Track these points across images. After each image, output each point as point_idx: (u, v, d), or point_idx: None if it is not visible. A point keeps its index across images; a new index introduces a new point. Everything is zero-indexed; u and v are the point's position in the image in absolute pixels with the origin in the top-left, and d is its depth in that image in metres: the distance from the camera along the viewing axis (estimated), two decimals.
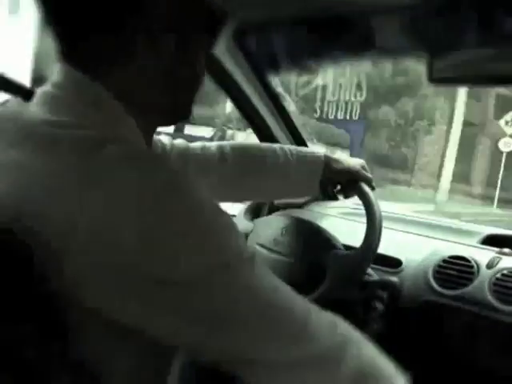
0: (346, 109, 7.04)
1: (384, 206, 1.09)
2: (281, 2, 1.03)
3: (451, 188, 11.23)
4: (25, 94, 0.58)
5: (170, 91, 0.59)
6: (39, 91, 0.57)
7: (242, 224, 1.21)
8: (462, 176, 11.98)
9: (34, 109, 0.55)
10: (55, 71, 0.57)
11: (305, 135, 1.47)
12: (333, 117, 7.20)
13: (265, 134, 1.41)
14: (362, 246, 1.02)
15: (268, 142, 1.43)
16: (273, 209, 1.36)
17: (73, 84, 0.55)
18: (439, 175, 11.69)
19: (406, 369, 1.12)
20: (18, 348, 0.46)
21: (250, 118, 1.38)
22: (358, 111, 7.20)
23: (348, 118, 7.14)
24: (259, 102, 1.33)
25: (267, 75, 1.32)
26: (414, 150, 12.70)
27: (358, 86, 6.96)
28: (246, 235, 1.21)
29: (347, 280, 1.03)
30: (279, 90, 1.38)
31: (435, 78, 0.81)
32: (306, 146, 1.47)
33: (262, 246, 1.17)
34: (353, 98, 7.01)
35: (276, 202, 1.26)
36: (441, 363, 1.05)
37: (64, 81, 0.55)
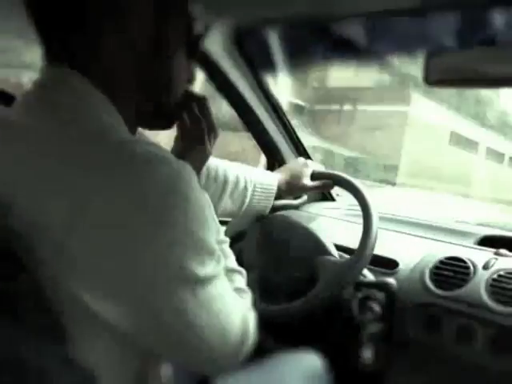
0: None
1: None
2: (278, 3, 1.03)
3: None
4: (6, 99, 0.59)
5: (146, 91, 0.60)
6: (26, 92, 0.58)
7: None
8: None
9: (26, 109, 0.56)
10: (41, 73, 0.58)
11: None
12: None
13: (261, 134, 1.41)
14: (354, 255, 1.02)
15: (264, 142, 1.44)
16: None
17: (57, 81, 0.56)
18: None
19: (402, 369, 1.12)
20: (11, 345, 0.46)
21: (247, 118, 1.38)
22: None
23: None
24: (256, 103, 1.33)
25: (264, 76, 1.32)
26: None
27: None
28: (242, 235, 1.21)
29: (337, 286, 1.03)
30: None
31: (431, 80, 0.81)
32: (302, 145, 1.48)
33: (257, 246, 1.17)
34: None
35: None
36: (437, 364, 1.05)
37: (49, 79, 0.57)
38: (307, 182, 1.15)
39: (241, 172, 1.08)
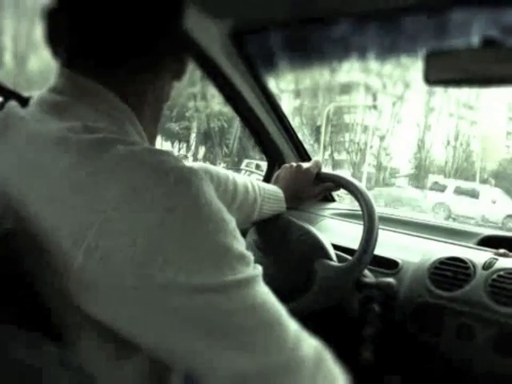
0: None
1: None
2: (277, 3, 1.03)
3: None
4: (20, 99, 0.58)
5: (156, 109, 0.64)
6: (40, 97, 0.57)
7: None
8: None
9: (40, 114, 0.54)
10: (57, 78, 0.57)
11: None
12: None
13: (262, 135, 1.41)
14: (354, 258, 1.02)
15: (265, 143, 1.43)
16: None
17: (83, 91, 0.56)
18: None
19: (402, 369, 1.12)
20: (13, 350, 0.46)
21: (247, 119, 1.38)
22: None
23: None
24: (256, 104, 1.33)
25: (264, 76, 1.32)
26: None
27: None
28: (243, 235, 1.21)
29: (333, 292, 1.03)
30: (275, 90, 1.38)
31: (431, 80, 0.81)
32: (302, 146, 1.47)
33: (256, 246, 1.17)
34: None
35: None
36: (437, 364, 1.05)
37: (72, 87, 0.56)
38: (311, 190, 1.19)
39: (249, 180, 1.10)
